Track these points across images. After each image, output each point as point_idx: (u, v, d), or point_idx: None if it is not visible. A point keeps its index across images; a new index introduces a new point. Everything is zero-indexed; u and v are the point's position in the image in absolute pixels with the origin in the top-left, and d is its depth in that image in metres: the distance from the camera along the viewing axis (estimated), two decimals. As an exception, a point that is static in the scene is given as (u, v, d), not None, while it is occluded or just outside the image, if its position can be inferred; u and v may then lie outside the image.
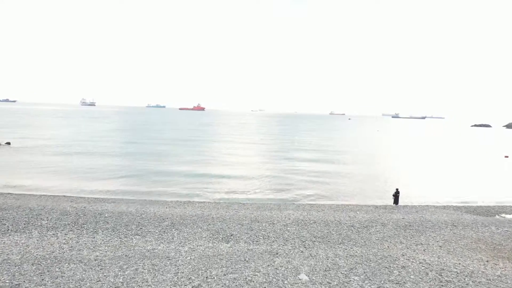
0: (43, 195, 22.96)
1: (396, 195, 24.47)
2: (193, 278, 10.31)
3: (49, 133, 65.64)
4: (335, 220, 18.14)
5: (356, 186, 30.59)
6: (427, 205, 24.76)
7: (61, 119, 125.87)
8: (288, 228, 16.23)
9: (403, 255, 13.01)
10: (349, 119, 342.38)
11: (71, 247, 12.76)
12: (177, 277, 10.36)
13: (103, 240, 13.65)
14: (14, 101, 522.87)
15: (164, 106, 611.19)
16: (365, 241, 14.82)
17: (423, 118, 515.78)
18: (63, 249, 12.52)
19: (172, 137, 69.14)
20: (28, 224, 15.28)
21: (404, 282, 10.53)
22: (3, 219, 15.75)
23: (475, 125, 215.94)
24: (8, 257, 11.51)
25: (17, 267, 10.72)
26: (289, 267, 11.42)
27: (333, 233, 15.83)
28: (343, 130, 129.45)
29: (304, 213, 19.69)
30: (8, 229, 14.50)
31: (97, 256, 11.96)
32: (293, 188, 28.74)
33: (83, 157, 39.48)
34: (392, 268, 11.56)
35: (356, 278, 10.67)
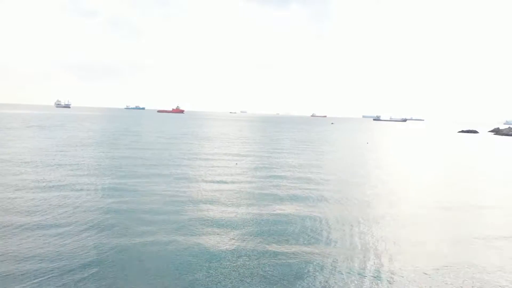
0: None
1: None
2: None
3: None
4: None
5: None
6: None
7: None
8: None
9: None
10: (332, 123, 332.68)
11: None
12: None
13: None
14: None
15: (143, 108, 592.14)
16: None
17: (404, 120, 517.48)
18: None
19: (106, 164, 45.59)
20: None
21: None
22: None
23: (462, 131, 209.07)
24: None
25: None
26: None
27: None
28: (329, 141, 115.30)
29: None
30: None
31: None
32: None
33: None
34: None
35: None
